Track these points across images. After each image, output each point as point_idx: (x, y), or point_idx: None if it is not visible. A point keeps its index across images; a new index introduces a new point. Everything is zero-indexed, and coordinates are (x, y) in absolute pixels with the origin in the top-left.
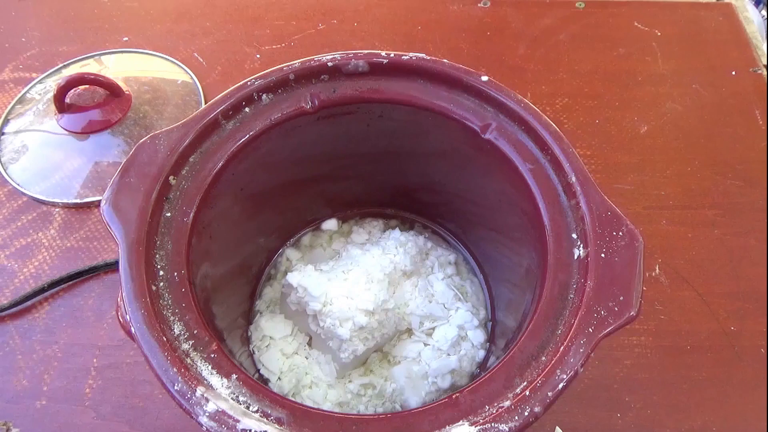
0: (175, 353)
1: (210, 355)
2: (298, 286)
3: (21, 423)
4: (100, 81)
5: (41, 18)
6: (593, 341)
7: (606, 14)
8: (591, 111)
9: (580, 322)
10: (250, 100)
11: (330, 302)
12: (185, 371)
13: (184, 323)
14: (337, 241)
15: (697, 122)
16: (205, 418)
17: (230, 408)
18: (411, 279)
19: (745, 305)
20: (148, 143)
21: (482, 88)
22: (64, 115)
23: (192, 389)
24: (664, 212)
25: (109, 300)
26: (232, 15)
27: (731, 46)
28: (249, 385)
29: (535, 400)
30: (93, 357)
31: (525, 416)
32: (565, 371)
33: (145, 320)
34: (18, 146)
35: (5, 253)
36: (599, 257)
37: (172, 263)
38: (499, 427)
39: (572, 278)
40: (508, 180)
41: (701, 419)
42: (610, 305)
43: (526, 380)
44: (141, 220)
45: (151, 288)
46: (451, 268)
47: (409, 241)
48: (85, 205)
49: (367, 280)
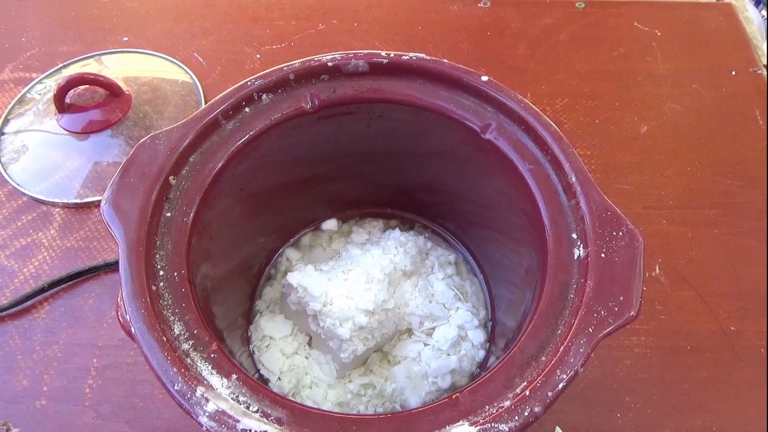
0: (175, 353)
1: (210, 355)
2: (298, 286)
3: (21, 423)
4: (100, 81)
5: (41, 18)
6: (593, 341)
7: (606, 14)
8: (591, 111)
9: (580, 322)
10: (250, 100)
11: (330, 302)
12: (185, 371)
13: (184, 323)
14: (337, 241)
15: (697, 122)
16: (205, 418)
17: (230, 408)
18: (411, 279)
19: (745, 305)
20: (148, 143)
21: (482, 88)
22: (64, 115)
23: (192, 389)
24: (664, 212)
25: (109, 300)
26: (232, 15)
27: (731, 46)
28: (249, 385)
29: (535, 400)
30: (93, 357)
31: (525, 416)
32: (565, 371)
33: (144, 320)
34: (18, 146)
35: (5, 253)
36: (599, 257)
37: (172, 263)
38: (499, 427)
39: (572, 278)
40: (508, 180)
41: (701, 419)
42: (610, 305)
43: (526, 380)
44: (141, 220)
45: (151, 288)
46: (451, 268)
47: (409, 241)
48: (85, 205)
49: (367, 280)
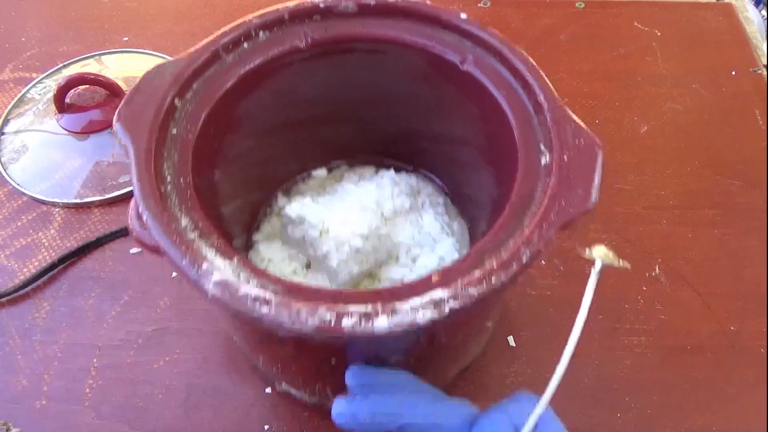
0: (182, 238)
1: (214, 243)
2: (297, 216)
3: (21, 423)
4: (100, 81)
5: (41, 18)
6: (555, 227)
7: (606, 14)
8: (591, 111)
9: (544, 212)
10: (248, 36)
11: (327, 229)
12: (192, 250)
13: (190, 218)
14: (330, 187)
15: (697, 122)
16: (211, 285)
17: (233, 279)
18: (403, 213)
19: (745, 305)
20: (153, 71)
21: (461, 25)
22: (64, 115)
23: (198, 264)
24: (664, 212)
25: (109, 300)
26: (232, 15)
27: (731, 46)
28: (249, 267)
29: (501, 271)
30: (93, 357)
31: (492, 283)
32: (529, 249)
33: (155, 213)
34: (18, 146)
35: (5, 253)
36: (562, 160)
37: (178, 172)
38: (469, 291)
39: (539, 181)
40: (483, 109)
41: (701, 419)
42: (571, 198)
43: (494, 259)
44: (150, 135)
45: (160, 189)
46: (441, 208)
47: (402, 180)
48: (85, 205)
49: (361, 209)
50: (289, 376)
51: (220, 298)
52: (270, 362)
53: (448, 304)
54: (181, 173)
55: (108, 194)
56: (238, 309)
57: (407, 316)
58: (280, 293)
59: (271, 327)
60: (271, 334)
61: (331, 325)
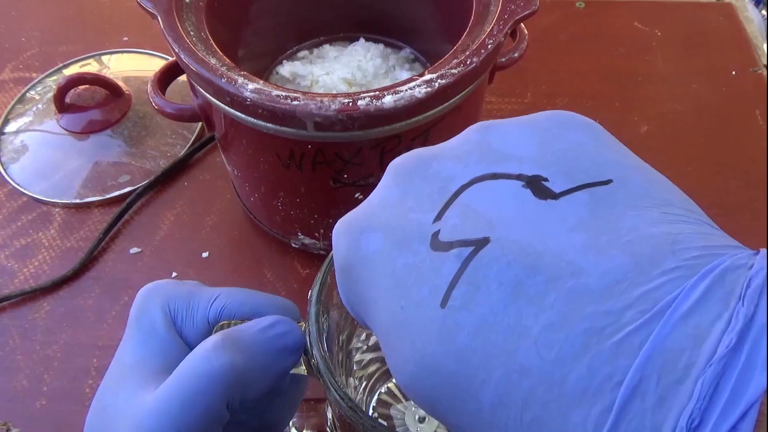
0: (217, 69)
1: (240, 72)
2: (290, 73)
3: (21, 423)
4: (100, 81)
5: (41, 18)
6: (510, 23)
7: (606, 14)
8: (591, 111)
9: (500, 14)
10: None
11: (317, 80)
12: (226, 75)
13: (216, 58)
14: (314, 57)
15: (697, 122)
16: (248, 92)
17: (265, 87)
18: (380, 75)
19: None
20: None
21: None
22: (64, 115)
23: (235, 80)
24: None
25: (109, 300)
26: None
27: (731, 46)
28: (273, 84)
29: (474, 56)
30: (93, 357)
31: (468, 64)
32: (492, 39)
33: (190, 53)
34: (18, 146)
35: (5, 253)
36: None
37: (197, 28)
38: (451, 71)
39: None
40: None
41: None
42: (519, 2)
43: (468, 51)
44: (169, 2)
45: (189, 33)
46: (413, 66)
47: (372, 46)
48: (85, 205)
49: (343, 66)
50: (305, 225)
51: (257, 100)
52: (286, 210)
53: (437, 82)
54: (199, 29)
55: (108, 194)
56: (274, 106)
57: (407, 93)
58: (303, 94)
59: (302, 116)
60: (288, 169)
61: (349, 105)
